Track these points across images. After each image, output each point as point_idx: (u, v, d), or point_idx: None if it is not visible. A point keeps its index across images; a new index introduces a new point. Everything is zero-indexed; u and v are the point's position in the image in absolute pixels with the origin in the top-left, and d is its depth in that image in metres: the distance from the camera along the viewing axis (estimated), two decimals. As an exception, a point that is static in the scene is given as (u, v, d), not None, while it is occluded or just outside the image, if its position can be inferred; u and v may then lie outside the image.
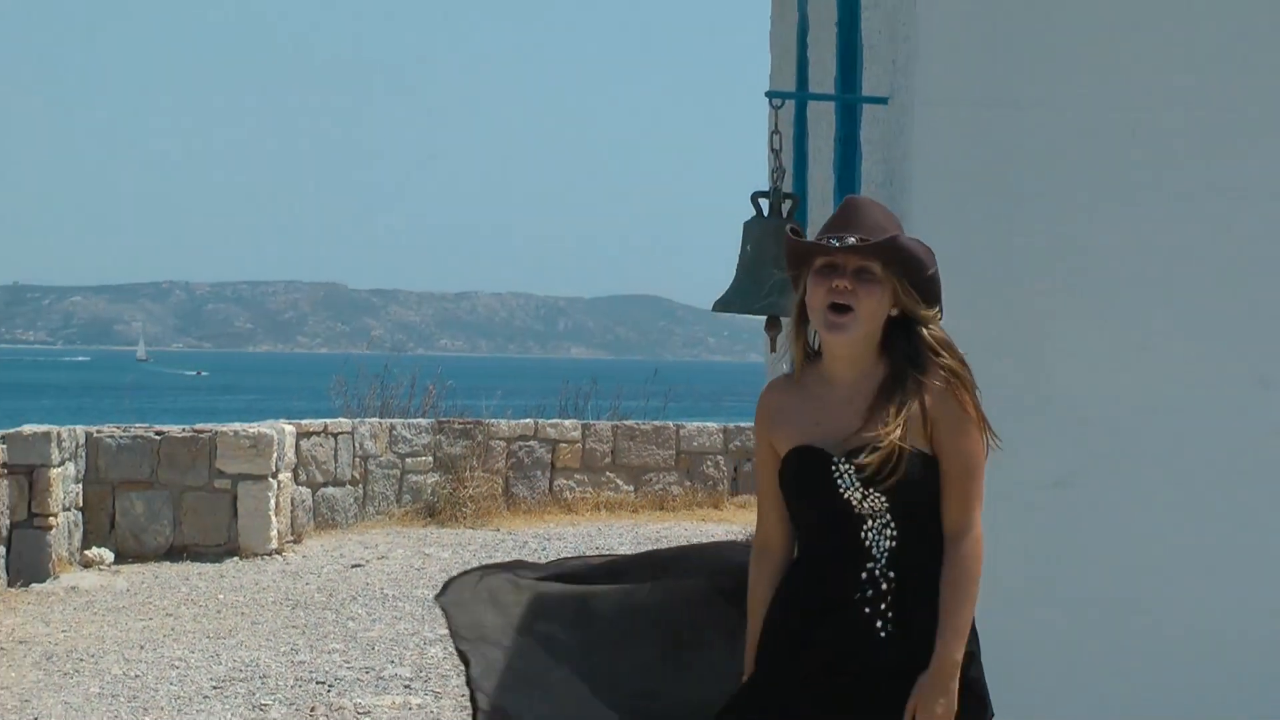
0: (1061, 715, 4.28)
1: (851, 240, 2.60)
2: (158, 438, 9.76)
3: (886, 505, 2.58)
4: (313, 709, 5.99)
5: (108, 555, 9.46)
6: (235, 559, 9.63)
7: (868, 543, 2.59)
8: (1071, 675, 4.29)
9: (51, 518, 8.86)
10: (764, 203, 4.63)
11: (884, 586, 2.57)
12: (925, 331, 2.64)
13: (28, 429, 8.96)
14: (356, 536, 10.75)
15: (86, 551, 9.42)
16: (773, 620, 2.65)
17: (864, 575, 2.57)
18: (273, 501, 9.82)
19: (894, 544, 2.59)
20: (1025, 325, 4.29)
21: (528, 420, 12.08)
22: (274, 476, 9.87)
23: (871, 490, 2.58)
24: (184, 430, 9.89)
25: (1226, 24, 4.33)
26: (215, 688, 6.33)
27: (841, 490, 2.58)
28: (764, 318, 4.67)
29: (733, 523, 11.26)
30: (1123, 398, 4.32)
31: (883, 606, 2.57)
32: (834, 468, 2.59)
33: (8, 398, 59.80)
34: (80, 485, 9.50)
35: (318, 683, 6.42)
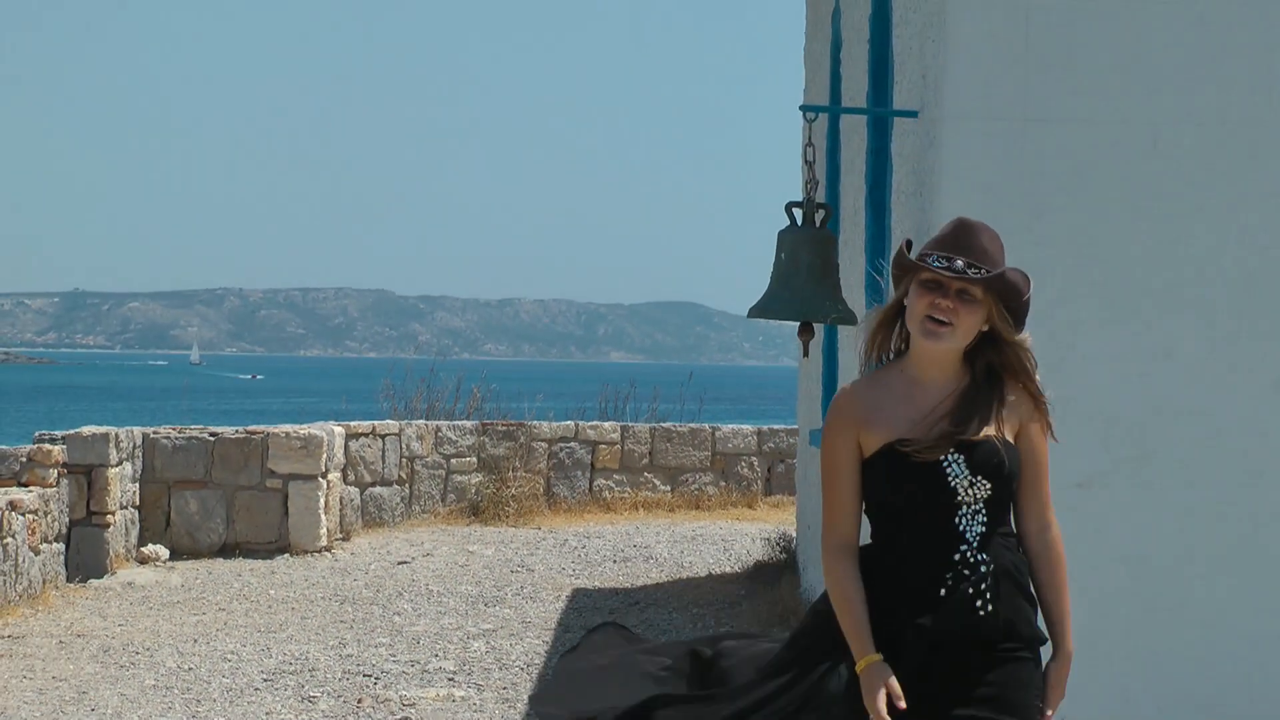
0: (1084, 709, 4.39)
1: (959, 264, 2.79)
2: (212, 439, 9.98)
3: (989, 493, 2.79)
4: (359, 701, 6.12)
5: (163, 552, 9.69)
6: (286, 556, 9.83)
7: (961, 528, 2.76)
8: (1094, 670, 4.40)
9: (109, 516, 9.09)
10: (798, 213, 4.77)
11: (983, 570, 2.78)
12: (1021, 354, 2.86)
13: (87, 430, 9.19)
14: (403, 534, 10.94)
15: (143, 548, 9.65)
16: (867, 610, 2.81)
17: (956, 557, 2.75)
18: (322, 500, 10.03)
19: (984, 529, 2.77)
20: (1051, 332, 4.40)
21: (568, 422, 12.25)
22: (323, 476, 10.08)
23: (979, 478, 2.76)
24: (237, 432, 10.11)
25: (1247, 42, 4.44)
26: (266, 680, 6.48)
27: (950, 479, 2.75)
28: (797, 324, 4.82)
29: (766, 521, 11.39)
30: (1144, 402, 4.43)
31: (983, 587, 2.77)
32: (943, 458, 2.75)
33: (67, 400, 60.61)
34: (137, 484, 9.73)
35: (364, 675, 6.56)
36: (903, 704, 2.70)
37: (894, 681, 2.72)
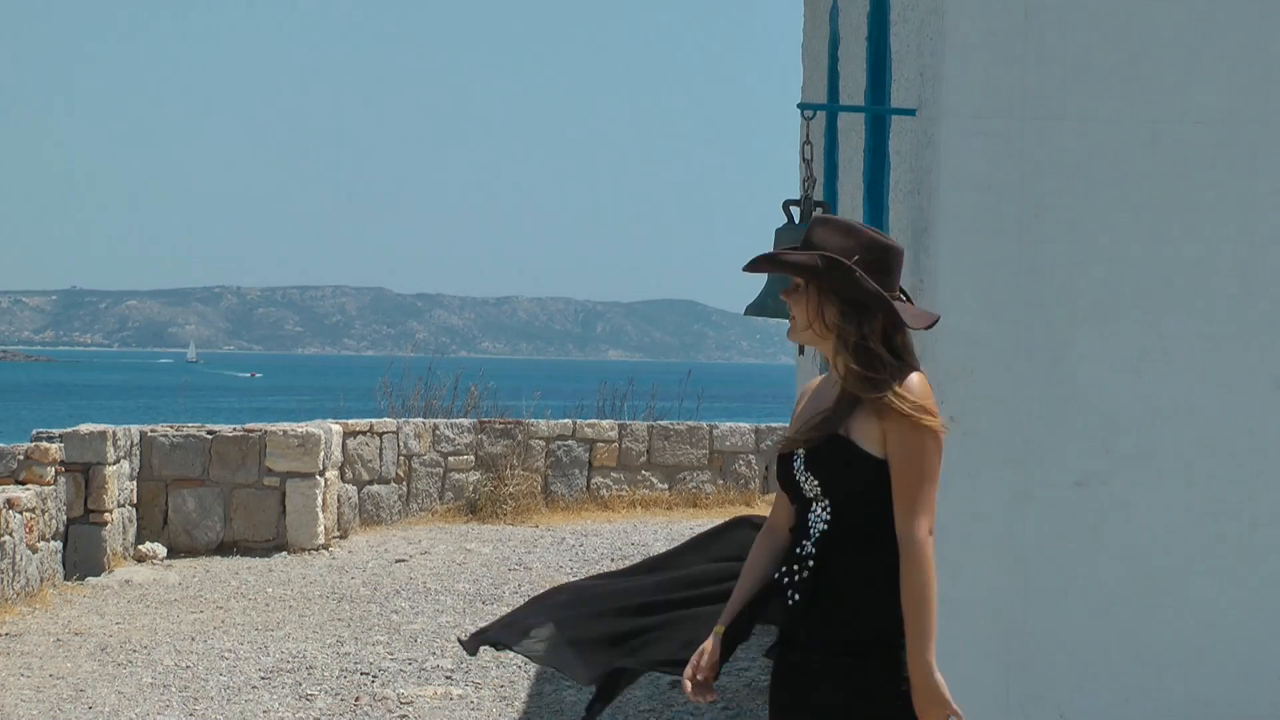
0: (1083, 708, 4.39)
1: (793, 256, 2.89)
2: (209, 437, 9.98)
3: (820, 490, 2.86)
4: (357, 699, 6.14)
5: (160, 550, 9.70)
6: (283, 554, 9.84)
7: (809, 523, 2.86)
8: (1093, 670, 4.40)
9: (107, 514, 9.10)
10: (795, 210, 4.77)
11: (810, 564, 2.84)
12: (860, 346, 2.82)
13: (85, 428, 9.19)
14: (400, 532, 10.94)
15: (140, 546, 9.66)
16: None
17: (799, 550, 2.86)
18: (320, 499, 10.03)
19: (826, 526, 2.83)
20: (1048, 330, 4.40)
21: (566, 420, 12.26)
22: (321, 474, 10.08)
23: (809, 476, 2.85)
24: (234, 430, 10.11)
25: (1246, 39, 4.43)
26: (263, 678, 6.50)
27: (795, 475, 2.88)
28: (795, 322, 4.81)
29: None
30: (1143, 401, 4.43)
31: (796, 579, 2.85)
32: (794, 455, 2.89)
33: (65, 398, 60.58)
34: (135, 482, 9.74)
35: (362, 674, 6.58)
36: (701, 676, 2.88)
37: (706, 654, 2.89)
